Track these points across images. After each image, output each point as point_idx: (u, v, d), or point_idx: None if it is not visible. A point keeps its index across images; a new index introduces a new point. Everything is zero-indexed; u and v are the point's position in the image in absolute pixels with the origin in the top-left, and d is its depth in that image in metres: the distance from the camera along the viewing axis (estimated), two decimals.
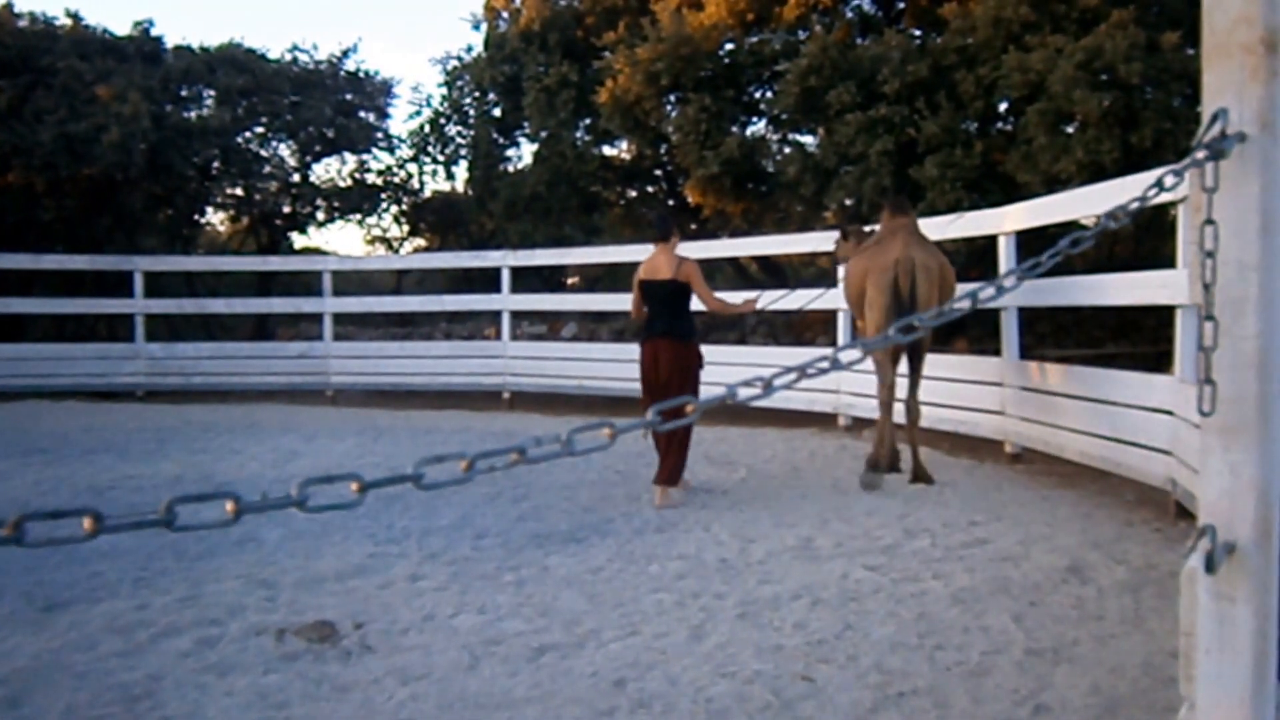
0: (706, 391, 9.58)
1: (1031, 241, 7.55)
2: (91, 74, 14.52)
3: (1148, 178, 4.96)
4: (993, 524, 5.20)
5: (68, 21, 15.94)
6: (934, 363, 8.05)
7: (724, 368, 10.31)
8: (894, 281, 6.24)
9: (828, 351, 1.38)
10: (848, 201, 11.16)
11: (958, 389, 7.77)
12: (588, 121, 13.48)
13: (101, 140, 13.86)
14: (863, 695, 3.02)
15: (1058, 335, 11.15)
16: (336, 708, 2.97)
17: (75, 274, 14.13)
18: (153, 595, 4.06)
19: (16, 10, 15.81)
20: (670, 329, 6.02)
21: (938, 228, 8.40)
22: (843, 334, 9.23)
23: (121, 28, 16.72)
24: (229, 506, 0.95)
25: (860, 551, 4.69)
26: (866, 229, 7.59)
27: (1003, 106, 10.34)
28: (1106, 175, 7.49)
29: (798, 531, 5.10)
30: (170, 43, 16.41)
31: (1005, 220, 7.36)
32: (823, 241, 10.06)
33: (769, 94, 11.97)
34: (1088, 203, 6.46)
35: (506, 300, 11.81)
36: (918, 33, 11.11)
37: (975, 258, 10.53)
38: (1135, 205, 1.62)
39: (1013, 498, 5.91)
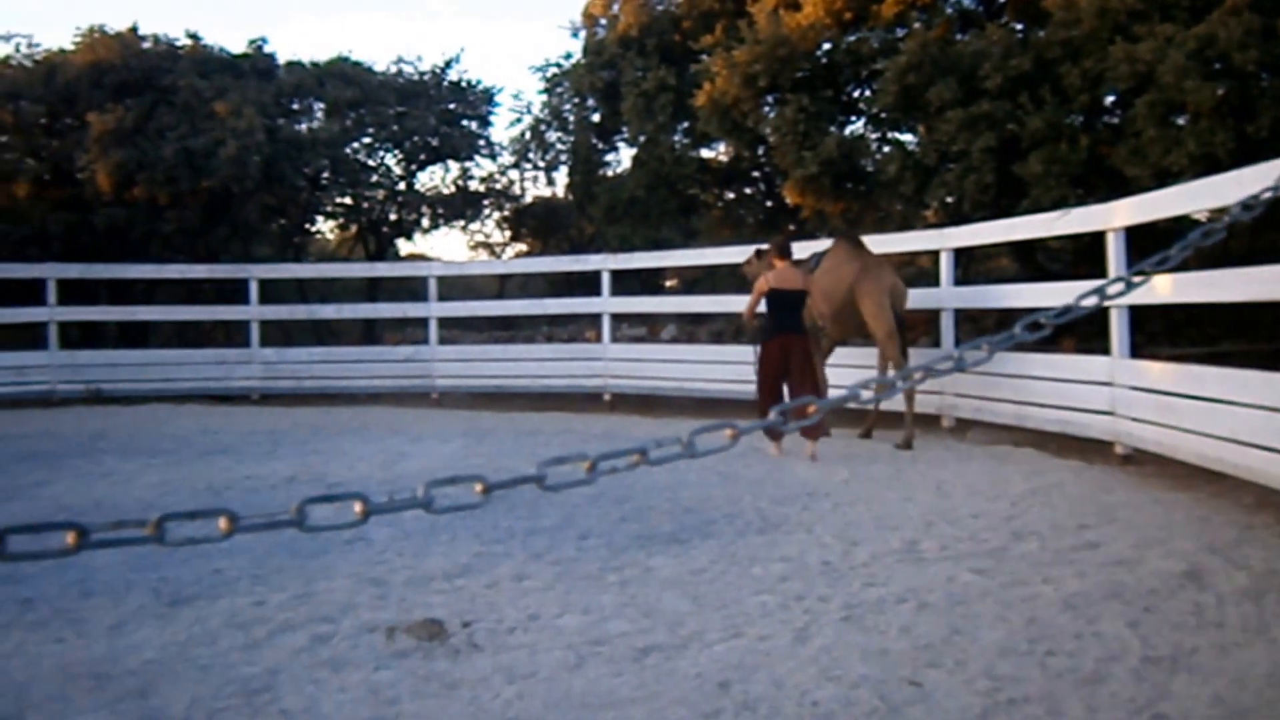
0: (832, 393, 9.54)
1: (1141, 238, 7.33)
2: (210, 91, 15.12)
3: (1273, 167, 4.78)
4: (1104, 527, 5.06)
5: (188, 42, 16.64)
6: (1038, 362, 7.88)
7: (830, 368, 10.26)
8: (890, 299, 8.06)
9: (935, 352, 1.37)
10: (948, 199, 10.97)
11: (1064, 389, 7.57)
12: (686, 125, 13.52)
13: (219, 154, 14.43)
14: (972, 701, 2.97)
15: (1170, 333, 10.78)
16: (446, 705, 3.02)
17: (195, 282, 14.70)
18: (269, 592, 4.18)
19: (141, 33, 16.55)
20: (797, 326, 7.62)
21: (1043, 225, 8.20)
22: (946, 334, 9.08)
23: (237, 46, 17.40)
24: (357, 508, 0.99)
25: (966, 554, 4.61)
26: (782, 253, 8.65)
27: (1110, 99, 10.05)
28: (1221, 168, 7.22)
29: (902, 534, 5.03)
30: (282, 59, 17.07)
31: (1114, 216, 7.15)
32: (923, 241, 9.92)
33: (867, 93, 11.85)
34: (1202, 196, 6.23)
35: (606, 303, 11.90)
36: (1019, 26, 10.86)
37: (1081, 255, 10.26)
38: (1269, 194, 1.57)
39: (1124, 500, 5.73)
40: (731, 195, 15.42)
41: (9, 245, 14.81)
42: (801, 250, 8.87)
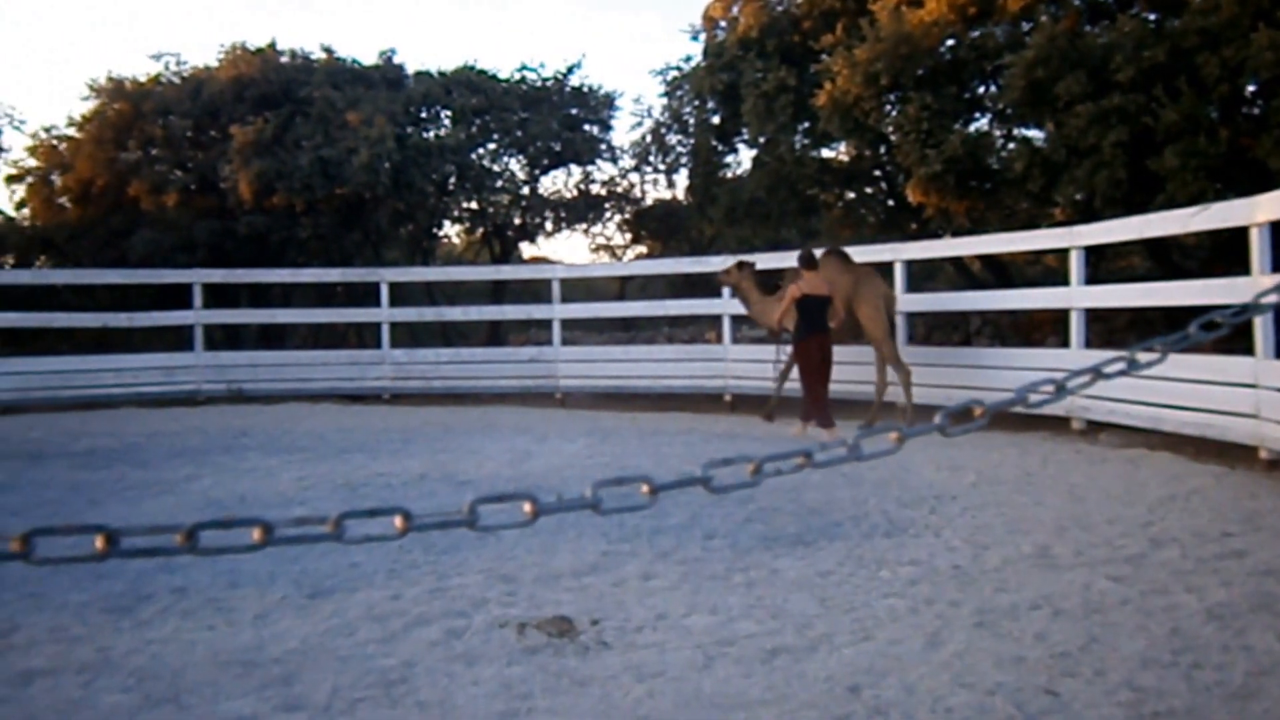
0: (950, 395, 9.46)
1: None
2: (343, 102, 15.68)
3: None
4: (1249, 535, 4.85)
5: (322, 55, 17.29)
6: (1175, 364, 7.59)
7: (944, 369, 10.10)
8: (885, 306, 9.21)
9: (1101, 354, 1.36)
10: (1077, 197, 10.66)
11: (1204, 390, 7.28)
12: (806, 125, 13.41)
13: (352, 162, 14.94)
14: (1113, 713, 2.89)
15: None
16: (577, 701, 3.06)
17: (329, 286, 15.22)
18: (404, 586, 4.29)
19: (279, 48, 17.28)
20: (824, 327, 8.79)
21: (1179, 221, 7.91)
22: (1076, 335, 8.82)
23: (368, 58, 17.91)
24: (527, 508, 1.05)
25: (1102, 561, 4.48)
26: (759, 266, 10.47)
27: (1251, 89, 9.62)
28: None
29: (1033, 539, 4.92)
30: (411, 69, 17.54)
31: (1257, 210, 6.84)
32: (1051, 239, 9.67)
33: (992, 89, 11.59)
34: None
35: (727, 304, 11.89)
36: (1153, 16, 10.47)
37: (1218, 252, 9.85)
38: None
39: (1271, 507, 5.49)
40: (852, 195, 15.23)
41: (160, 252, 15.60)
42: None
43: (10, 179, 17.61)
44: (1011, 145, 11.67)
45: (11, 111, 19.55)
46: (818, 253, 9.23)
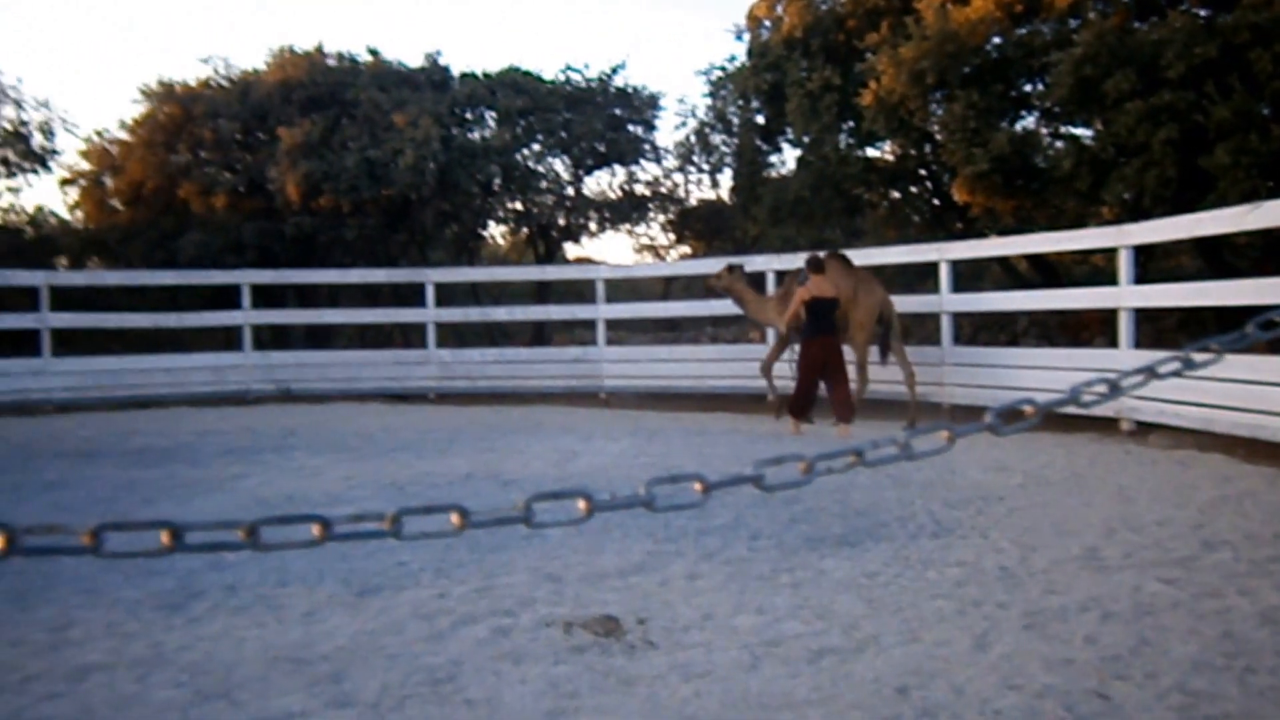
0: (995, 395, 9.37)
1: None
2: (389, 104, 15.82)
3: None
4: None
5: (368, 58, 17.46)
6: (1227, 364, 7.45)
7: (993, 369, 10.00)
8: (883, 310, 9.55)
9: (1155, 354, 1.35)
10: (1126, 195, 10.52)
11: (1258, 391, 7.16)
12: (851, 124, 13.35)
13: (398, 163, 15.08)
14: (1165, 717, 2.85)
15: None
16: (624, 700, 3.07)
17: (375, 286, 15.38)
18: (451, 585, 4.32)
19: (326, 51, 17.47)
20: (831, 329, 9.17)
21: (1231, 220, 7.78)
22: (1124, 335, 8.71)
23: (414, 60, 18.05)
24: (581, 505, 1.06)
25: (1152, 563, 4.42)
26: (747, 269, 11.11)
27: None
28: None
29: (1082, 540, 4.86)
30: (456, 70, 17.63)
31: None
32: (1100, 238, 9.55)
33: (1040, 86, 11.46)
34: None
35: None
36: (1204, 12, 10.30)
37: (1271, 251, 9.68)
38: None
39: None
40: (897, 194, 15.11)
41: (209, 253, 15.84)
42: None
43: (64, 182, 17.99)
44: (1059, 143, 11.55)
45: (65, 116, 19.82)
46: (820, 254, 9.60)
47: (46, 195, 55.94)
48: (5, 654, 3.58)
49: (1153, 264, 12.92)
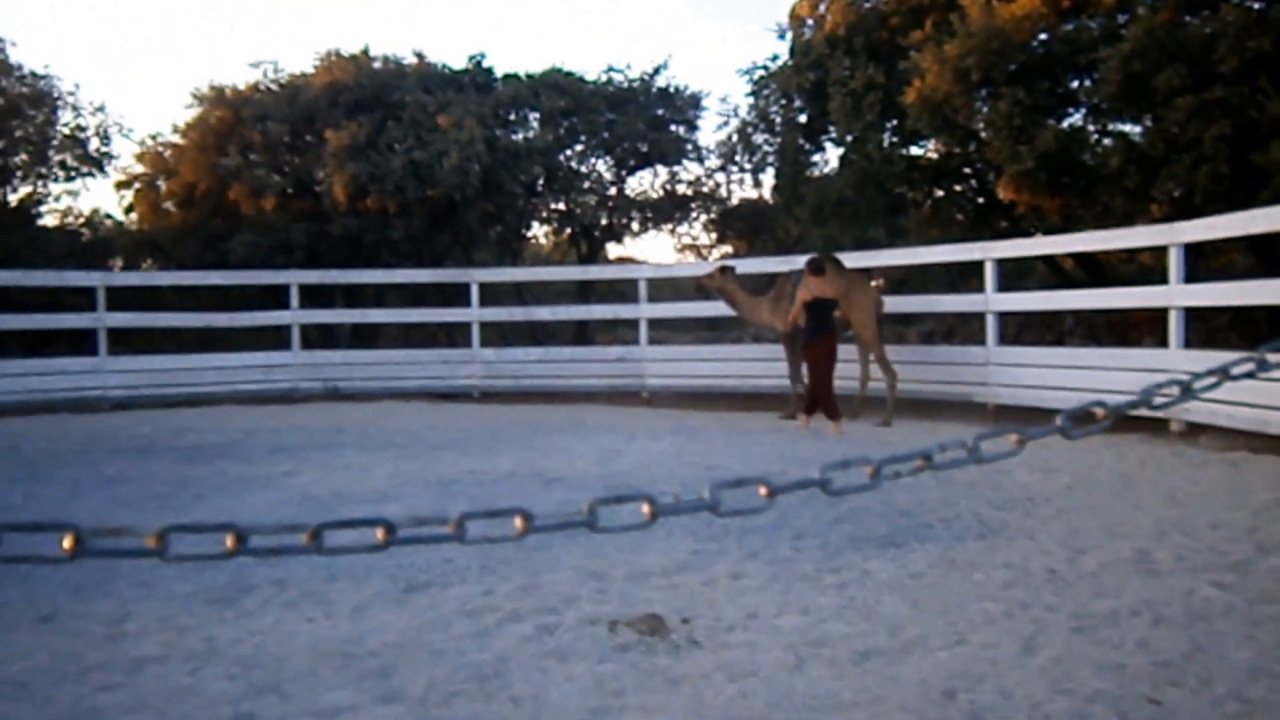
0: (1041, 396, 9.30)
1: None
2: (434, 105, 15.95)
3: None
4: None
5: (414, 60, 17.60)
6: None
7: (1039, 369, 9.90)
8: (875, 310, 9.92)
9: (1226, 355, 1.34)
10: (1176, 193, 10.36)
11: None
12: (894, 123, 13.27)
13: (443, 165, 15.20)
14: None
15: None
16: (669, 700, 3.08)
17: (420, 286, 15.50)
18: (497, 582, 4.35)
19: (372, 54, 17.65)
20: (831, 328, 9.43)
21: None
22: (1175, 335, 8.59)
23: (458, 62, 18.18)
24: (645, 509, 1.08)
25: (1205, 567, 4.36)
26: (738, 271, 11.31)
27: None
28: None
29: (1132, 543, 4.81)
30: (500, 72, 17.73)
31: None
32: (1150, 236, 9.42)
33: (1087, 83, 11.32)
34: None
35: None
36: (1257, 4, 10.13)
37: None
38: None
39: None
40: (941, 193, 14.99)
41: (259, 254, 16.06)
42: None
43: (119, 185, 18.29)
44: (1107, 140, 11.41)
45: (121, 120, 20.19)
46: (819, 256, 9.89)
47: (103, 198, 57.10)
48: (66, 645, 3.67)
49: (1202, 261, 12.72)
